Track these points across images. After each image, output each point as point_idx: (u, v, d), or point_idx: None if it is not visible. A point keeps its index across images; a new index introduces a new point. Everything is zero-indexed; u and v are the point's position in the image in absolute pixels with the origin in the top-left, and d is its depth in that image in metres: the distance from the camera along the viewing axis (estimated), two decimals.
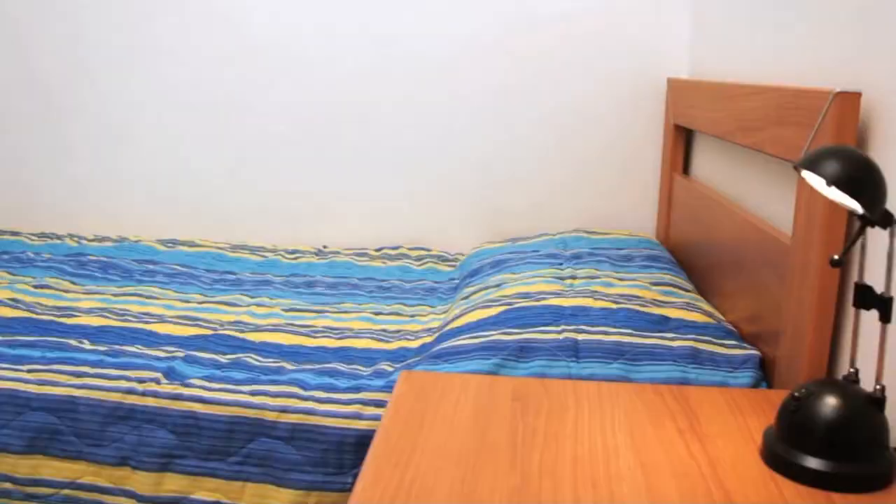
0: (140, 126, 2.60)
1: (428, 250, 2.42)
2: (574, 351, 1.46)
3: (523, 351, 1.47)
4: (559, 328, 1.53)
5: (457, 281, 2.15)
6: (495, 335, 1.53)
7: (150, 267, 2.29)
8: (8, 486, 1.55)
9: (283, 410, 1.47)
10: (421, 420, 1.16)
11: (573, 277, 1.83)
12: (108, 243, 2.50)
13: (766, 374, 1.47)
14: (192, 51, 2.52)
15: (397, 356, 1.66)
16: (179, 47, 2.53)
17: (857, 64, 1.28)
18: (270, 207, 2.58)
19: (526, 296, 1.71)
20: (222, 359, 1.65)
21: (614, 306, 1.61)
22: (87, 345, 1.72)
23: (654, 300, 1.66)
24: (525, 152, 2.43)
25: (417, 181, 2.49)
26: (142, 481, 1.51)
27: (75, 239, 2.55)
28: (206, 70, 2.52)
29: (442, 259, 2.35)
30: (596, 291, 1.70)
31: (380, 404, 1.45)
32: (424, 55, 2.42)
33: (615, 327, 1.54)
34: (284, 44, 2.47)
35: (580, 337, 1.50)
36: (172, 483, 1.51)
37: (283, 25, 2.46)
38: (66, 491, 1.54)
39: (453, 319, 1.70)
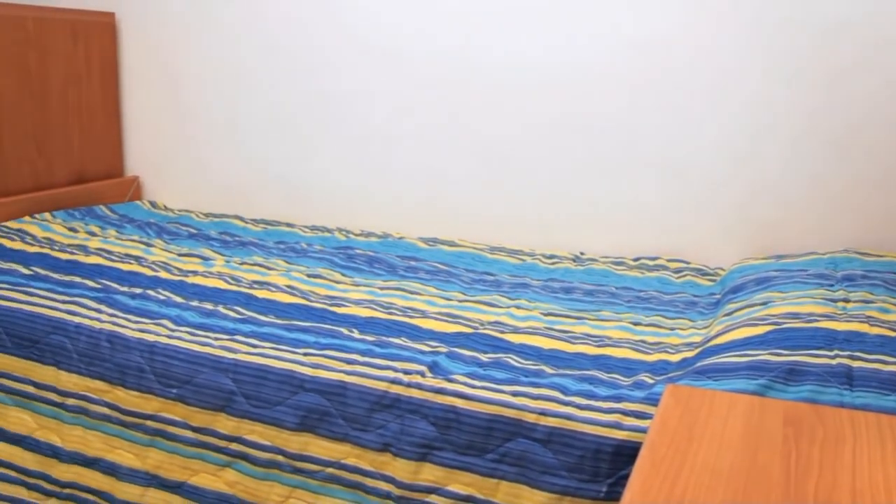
0: (403, 128, 2.70)
1: (686, 263, 2.37)
2: (847, 378, 1.39)
3: (792, 374, 1.42)
4: (832, 353, 1.47)
5: (718, 296, 2.09)
6: (763, 355, 1.48)
7: (413, 263, 2.38)
8: (280, 458, 1.67)
9: (543, 413, 1.48)
10: (689, 435, 1.14)
11: (846, 300, 1.74)
12: (374, 239, 2.63)
13: None
14: (451, 60, 2.60)
15: (657, 368, 1.64)
16: (439, 55, 2.61)
17: None
18: (527, 212, 2.61)
19: (795, 316, 1.64)
20: (483, 357, 1.69)
21: (893, 334, 1.52)
22: (356, 334, 1.81)
23: None
24: (790, 165, 2.33)
25: (676, 192, 2.44)
26: (401, 468, 1.58)
27: (343, 233, 2.70)
28: (466, 77, 2.59)
29: (701, 273, 2.30)
30: (871, 317, 1.61)
31: (640, 416, 1.44)
32: (687, 61, 2.37)
33: (893, 357, 1.45)
34: (540, 51, 2.50)
35: (855, 364, 1.42)
36: (429, 473, 1.56)
37: (539, 33, 2.49)
38: (330, 469, 1.63)
39: (717, 335, 1.66)
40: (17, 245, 2.36)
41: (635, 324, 1.91)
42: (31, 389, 1.90)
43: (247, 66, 2.89)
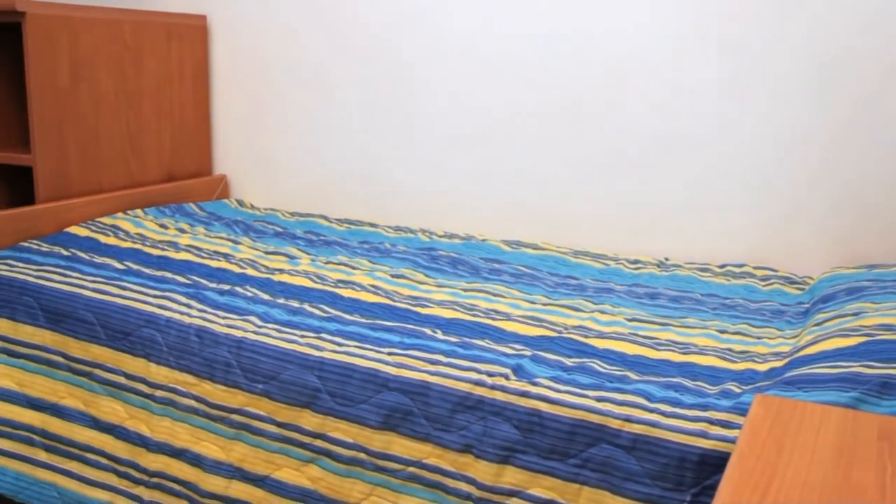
0: (486, 130, 2.71)
1: (774, 271, 2.33)
2: None
3: (886, 387, 1.38)
4: None
5: (806, 305, 2.05)
6: (855, 367, 1.45)
7: (496, 266, 2.38)
8: (362, 456, 1.68)
9: (627, 419, 1.47)
10: (779, 447, 1.12)
11: None
12: (457, 240, 2.64)
13: None
14: (535, 62, 2.59)
15: (744, 377, 1.61)
16: (524, 56, 2.61)
17: None
18: (612, 216, 2.59)
19: (889, 328, 1.60)
20: (567, 361, 1.68)
21: None
22: (439, 335, 1.82)
23: None
24: (882, 171, 2.27)
25: (762, 198, 2.40)
26: (482, 470, 1.58)
27: (427, 234, 2.71)
28: (551, 80, 2.59)
29: (789, 281, 2.26)
30: None
31: (726, 425, 1.42)
32: (771, 66, 2.32)
33: None
34: (626, 53, 2.48)
35: None
36: (511, 476, 1.56)
37: (631, 35, 2.47)
38: (411, 469, 1.64)
39: (806, 346, 1.63)
40: (111, 240, 2.43)
41: (721, 331, 1.88)
42: (122, 380, 1.96)
43: (331, 69, 2.92)
